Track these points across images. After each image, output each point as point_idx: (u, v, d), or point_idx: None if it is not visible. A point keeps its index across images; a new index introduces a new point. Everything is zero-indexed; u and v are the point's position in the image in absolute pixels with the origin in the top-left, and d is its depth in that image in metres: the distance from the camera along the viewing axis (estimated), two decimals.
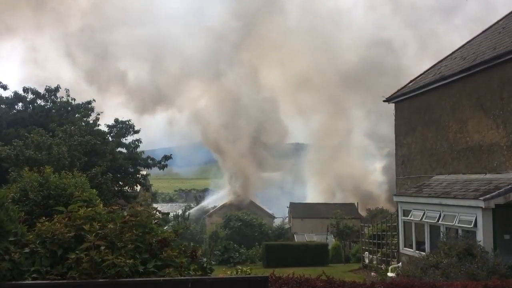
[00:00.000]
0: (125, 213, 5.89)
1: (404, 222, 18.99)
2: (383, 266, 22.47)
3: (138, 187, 28.84)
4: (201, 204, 78.69)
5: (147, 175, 27.94)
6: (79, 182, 10.71)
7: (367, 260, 26.37)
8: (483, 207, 13.73)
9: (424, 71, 22.59)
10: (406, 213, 18.73)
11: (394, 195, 20.79)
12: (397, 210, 20.20)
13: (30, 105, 25.87)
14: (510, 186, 13.99)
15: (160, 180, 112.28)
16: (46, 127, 21.72)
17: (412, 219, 18.06)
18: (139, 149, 25.70)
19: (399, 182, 22.54)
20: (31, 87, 25.68)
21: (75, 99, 26.12)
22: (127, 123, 25.76)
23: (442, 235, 15.47)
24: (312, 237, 45.25)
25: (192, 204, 79.13)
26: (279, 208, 68.14)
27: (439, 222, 16.03)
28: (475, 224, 14.10)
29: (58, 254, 5.13)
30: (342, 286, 8.04)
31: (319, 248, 33.92)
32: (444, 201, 16.00)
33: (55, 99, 26.07)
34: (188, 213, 62.79)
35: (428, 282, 10.26)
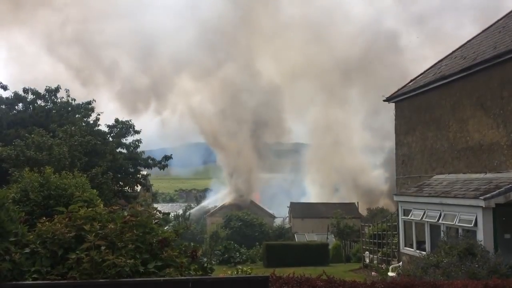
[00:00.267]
0: (125, 213, 5.89)
1: (404, 222, 18.98)
2: (383, 266, 22.45)
3: (139, 187, 28.85)
4: (201, 204, 78.72)
5: (147, 175, 27.97)
6: (80, 183, 10.69)
7: (367, 260, 26.35)
8: (484, 206, 13.72)
9: (424, 71, 22.58)
10: (406, 212, 18.72)
11: (395, 195, 20.77)
12: (397, 210, 20.19)
13: (30, 105, 25.88)
14: (510, 185, 13.99)
15: (161, 180, 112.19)
16: (46, 128, 21.74)
17: (412, 218, 18.05)
18: (139, 149, 25.73)
19: (400, 181, 22.54)
20: (31, 87, 25.76)
21: (75, 99, 26.19)
22: (127, 123, 25.78)
23: (442, 234, 15.46)
24: (312, 236, 45.22)
25: (192, 204, 79.13)
26: (279, 208, 68.16)
27: (440, 222, 16.01)
28: (476, 224, 14.09)
29: (59, 254, 5.13)
30: (343, 286, 8.03)
31: (320, 247, 33.90)
32: (445, 200, 15.99)
33: (55, 100, 26.09)
34: (188, 213, 62.90)
35: (429, 281, 10.23)
